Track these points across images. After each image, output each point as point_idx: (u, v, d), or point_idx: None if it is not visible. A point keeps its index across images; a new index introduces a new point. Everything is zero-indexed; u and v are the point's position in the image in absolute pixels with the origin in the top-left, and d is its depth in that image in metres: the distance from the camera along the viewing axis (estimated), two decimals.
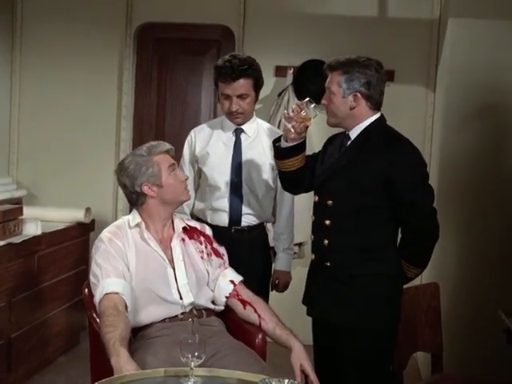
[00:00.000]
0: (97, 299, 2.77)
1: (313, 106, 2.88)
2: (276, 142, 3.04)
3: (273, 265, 3.65)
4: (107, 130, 5.38)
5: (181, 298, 2.90)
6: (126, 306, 2.75)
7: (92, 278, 2.86)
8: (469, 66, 4.23)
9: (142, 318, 2.86)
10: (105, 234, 2.93)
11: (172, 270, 2.93)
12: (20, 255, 4.12)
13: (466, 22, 4.24)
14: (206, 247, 3.06)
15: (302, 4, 5.13)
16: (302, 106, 2.87)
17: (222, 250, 3.14)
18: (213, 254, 3.07)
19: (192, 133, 3.60)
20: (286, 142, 2.96)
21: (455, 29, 4.29)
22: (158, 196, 2.95)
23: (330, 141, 3.09)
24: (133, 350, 2.78)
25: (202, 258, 3.04)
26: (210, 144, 3.51)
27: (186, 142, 3.59)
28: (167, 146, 3.01)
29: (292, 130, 2.90)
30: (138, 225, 2.97)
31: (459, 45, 4.29)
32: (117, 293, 2.75)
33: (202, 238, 3.09)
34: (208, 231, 3.17)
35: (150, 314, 2.86)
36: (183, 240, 3.03)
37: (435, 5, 4.98)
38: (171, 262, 2.95)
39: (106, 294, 2.75)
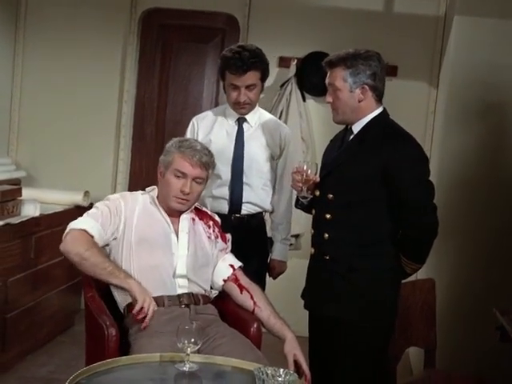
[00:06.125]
0: (77, 226, 2.91)
1: (306, 163, 2.95)
2: (296, 205, 3.13)
3: (269, 254, 3.68)
4: (108, 115, 5.36)
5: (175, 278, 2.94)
6: None
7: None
8: (472, 64, 4.24)
9: (135, 268, 2.90)
10: (115, 194, 3.11)
11: (175, 238, 2.99)
12: (18, 236, 4.12)
13: (472, 20, 4.23)
14: (213, 230, 3.12)
15: None
16: (301, 170, 2.92)
17: (228, 236, 3.19)
18: (219, 237, 3.13)
19: (194, 120, 3.62)
20: (303, 199, 3.00)
21: (460, 27, 4.29)
22: (159, 181, 3.04)
23: (331, 142, 3.12)
24: (132, 332, 2.81)
25: (209, 238, 3.08)
26: (212, 132, 3.54)
27: (188, 131, 3.61)
28: (200, 160, 2.98)
29: (307, 193, 2.95)
30: (151, 191, 3.07)
31: (463, 43, 4.29)
32: (92, 236, 2.90)
33: (210, 222, 3.15)
34: (216, 218, 3.22)
35: (142, 267, 2.89)
36: (193, 220, 3.08)
37: (441, 2, 4.98)
38: (176, 232, 3.00)
39: (84, 230, 2.89)
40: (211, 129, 3.55)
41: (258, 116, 3.57)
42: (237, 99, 3.41)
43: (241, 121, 3.53)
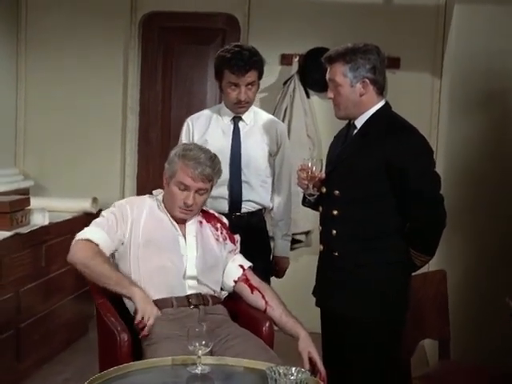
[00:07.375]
0: (82, 236, 2.94)
1: (310, 160, 2.94)
2: (303, 203, 3.11)
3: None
4: (113, 120, 5.38)
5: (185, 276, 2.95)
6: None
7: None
8: (475, 53, 4.21)
9: (143, 270, 2.90)
10: (121, 200, 3.13)
11: (183, 240, 2.99)
12: (27, 245, 4.13)
13: (472, 8, 4.22)
14: (221, 233, 3.12)
15: None
16: (306, 167, 2.91)
17: (237, 237, 3.19)
18: (228, 239, 3.13)
19: (189, 121, 3.62)
20: (310, 196, 2.99)
21: (461, 15, 4.27)
22: (165, 187, 3.03)
23: (335, 138, 3.12)
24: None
25: (217, 240, 3.08)
26: (208, 132, 3.54)
27: (183, 131, 3.61)
28: (202, 173, 2.94)
29: (314, 191, 2.94)
30: (159, 195, 3.08)
31: (465, 31, 4.27)
32: (97, 244, 2.90)
33: (218, 225, 3.15)
34: (224, 220, 3.22)
35: (150, 269, 2.90)
36: (200, 222, 3.09)
37: None
38: (184, 235, 3.01)
39: (89, 240, 2.91)
40: (206, 129, 3.55)
41: (253, 114, 3.58)
42: (237, 98, 3.43)
43: (236, 120, 3.54)
